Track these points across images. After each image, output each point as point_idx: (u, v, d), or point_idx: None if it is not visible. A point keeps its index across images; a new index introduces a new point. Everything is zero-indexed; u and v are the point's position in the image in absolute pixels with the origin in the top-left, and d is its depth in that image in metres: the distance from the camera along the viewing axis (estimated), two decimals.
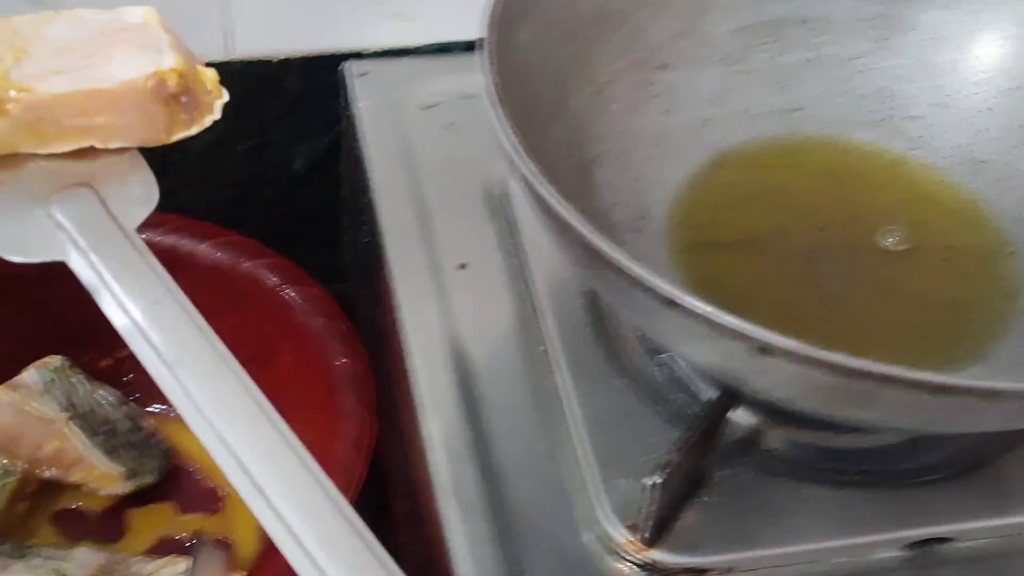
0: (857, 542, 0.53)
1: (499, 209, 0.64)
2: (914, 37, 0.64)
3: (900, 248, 0.59)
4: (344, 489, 0.57)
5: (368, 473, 0.62)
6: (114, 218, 0.46)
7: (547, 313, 0.60)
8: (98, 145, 0.47)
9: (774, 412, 0.56)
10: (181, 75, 0.46)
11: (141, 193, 0.47)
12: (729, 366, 0.45)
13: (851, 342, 0.46)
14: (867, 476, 0.55)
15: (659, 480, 0.49)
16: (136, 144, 0.48)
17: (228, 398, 0.43)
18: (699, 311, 0.43)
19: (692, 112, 0.63)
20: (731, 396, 0.53)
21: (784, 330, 0.42)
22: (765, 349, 0.42)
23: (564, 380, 0.57)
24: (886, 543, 0.53)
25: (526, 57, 0.55)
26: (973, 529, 0.53)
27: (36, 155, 0.46)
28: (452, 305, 0.61)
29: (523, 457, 0.55)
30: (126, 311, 0.44)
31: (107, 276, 0.44)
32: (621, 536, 0.52)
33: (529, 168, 0.46)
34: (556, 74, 0.58)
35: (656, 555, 0.51)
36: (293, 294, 0.71)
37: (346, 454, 0.64)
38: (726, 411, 0.54)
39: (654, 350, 0.58)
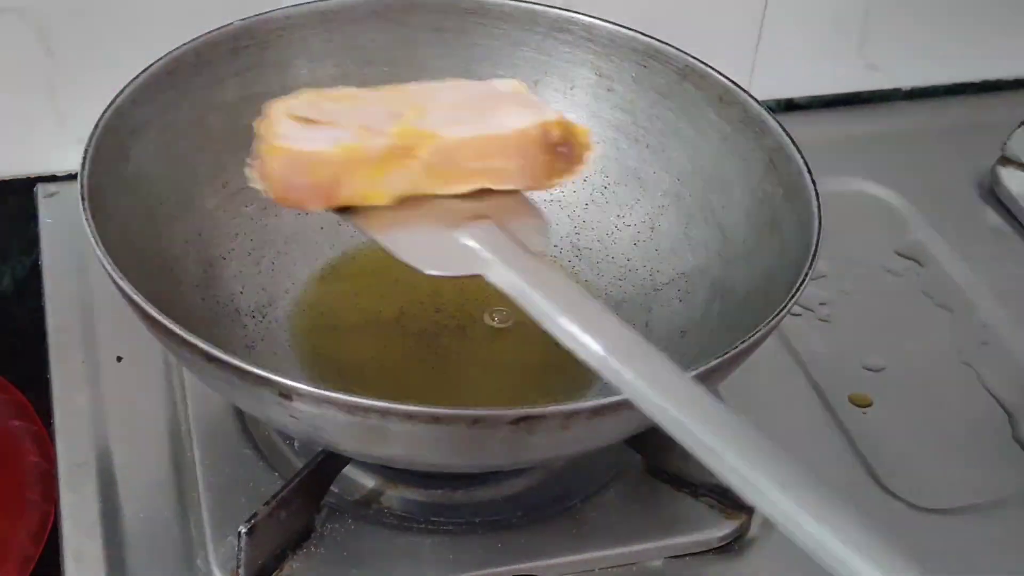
0: None
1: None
2: None
3: (504, 325, 0.67)
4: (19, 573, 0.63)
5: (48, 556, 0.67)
6: (518, 242, 0.49)
7: (190, 397, 0.66)
8: (492, 187, 0.52)
9: (390, 473, 0.63)
10: (562, 126, 0.52)
11: (534, 229, 0.52)
12: (268, 414, 0.51)
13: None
14: (465, 525, 0.61)
15: (244, 530, 0.55)
16: (523, 188, 0.53)
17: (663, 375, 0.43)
18: (231, 363, 0.49)
19: (326, 216, 0.70)
20: (330, 454, 0.59)
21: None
22: (286, 394, 0.49)
23: (196, 453, 0.63)
24: None
25: (144, 166, 0.62)
26: (553, 565, 0.60)
27: (437, 195, 0.51)
28: (104, 392, 0.66)
29: (153, 522, 0.61)
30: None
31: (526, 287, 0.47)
32: None
33: (102, 254, 0.52)
34: (186, 178, 0.65)
35: None
36: None
37: (24, 543, 0.69)
38: (330, 468, 0.60)
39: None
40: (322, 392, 0.48)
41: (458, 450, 0.51)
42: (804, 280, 0.56)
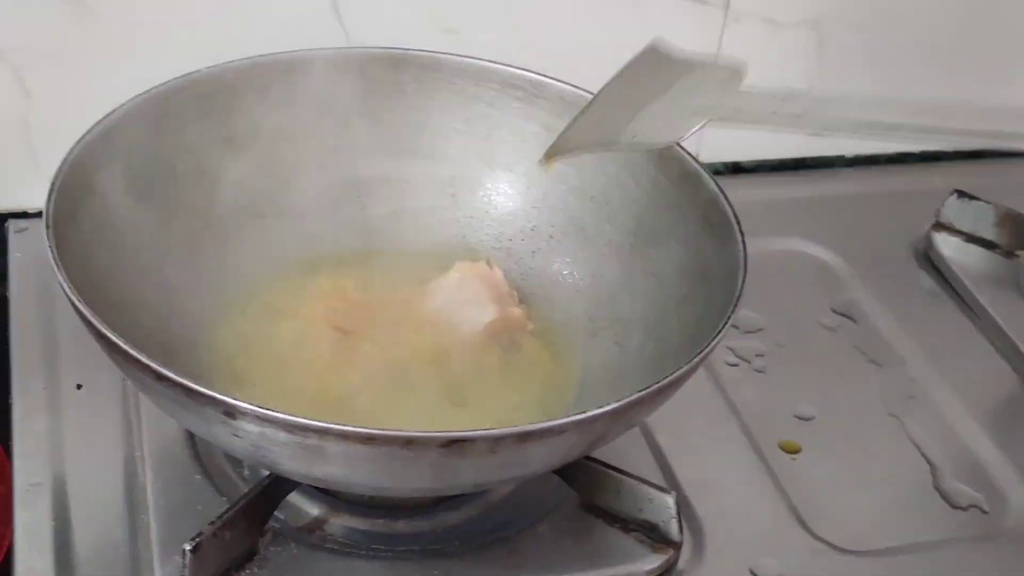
0: None
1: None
2: (478, 194, 0.76)
3: None
4: None
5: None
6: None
7: (144, 423, 0.69)
8: None
9: (333, 502, 0.66)
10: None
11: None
12: (214, 433, 0.54)
13: None
14: (405, 553, 0.64)
15: (188, 547, 0.58)
16: None
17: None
18: (179, 382, 0.52)
19: (286, 252, 0.73)
20: (276, 479, 0.62)
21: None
22: (230, 413, 0.52)
23: (148, 477, 0.66)
24: None
25: (112, 200, 0.65)
26: None
27: None
28: (63, 419, 0.69)
29: (103, 542, 0.63)
30: None
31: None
32: None
33: (63, 278, 0.56)
34: (151, 215, 0.68)
35: None
36: None
37: None
38: (275, 493, 0.62)
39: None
40: (264, 411, 0.51)
41: (391, 471, 0.54)
42: (727, 320, 0.59)
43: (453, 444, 0.52)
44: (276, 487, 0.62)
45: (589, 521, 0.66)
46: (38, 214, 0.81)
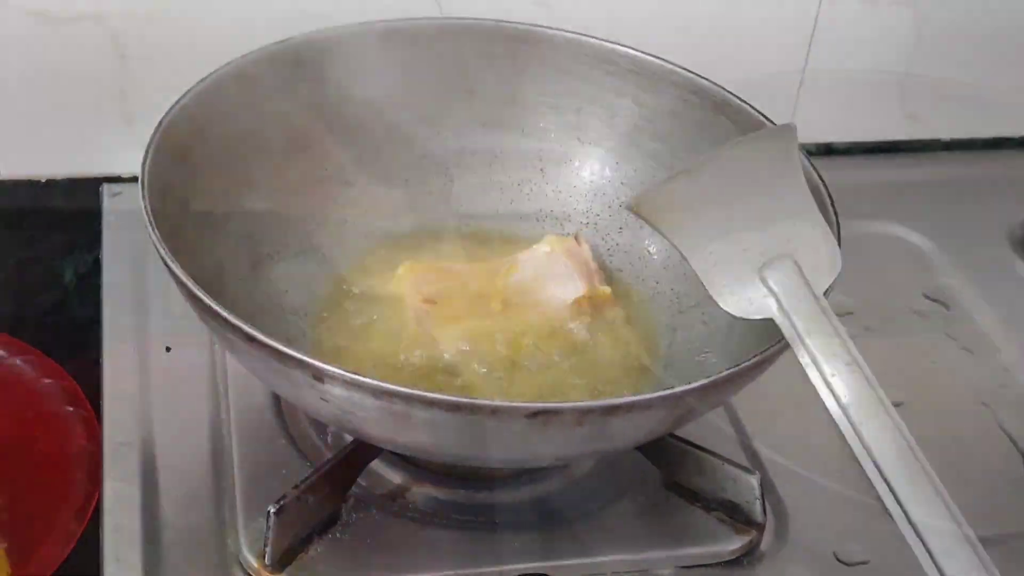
0: (461, 574, 0.61)
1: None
2: (566, 168, 0.76)
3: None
4: (61, 550, 0.66)
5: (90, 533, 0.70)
6: (809, 286, 0.57)
7: (231, 387, 0.69)
8: None
9: (415, 471, 0.66)
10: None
11: (828, 262, 0.59)
12: (301, 396, 0.54)
13: None
14: (485, 524, 0.64)
15: (273, 510, 0.58)
16: None
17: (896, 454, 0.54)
18: (268, 344, 0.52)
19: (373, 222, 0.74)
20: (359, 445, 0.62)
21: None
22: (318, 376, 0.52)
23: (233, 440, 0.66)
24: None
25: (204, 166, 0.66)
26: (566, 566, 0.62)
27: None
28: (152, 380, 0.70)
29: (189, 503, 0.64)
30: (819, 368, 0.55)
31: (804, 337, 0.56)
32: (254, 564, 0.60)
33: (157, 239, 0.56)
34: (241, 181, 0.68)
35: None
36: (47, 385, 0.81)
37: (68, 520, 0.73)
38: (358, 459, 0.63)
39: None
40: (352, 375, 0.51)
41: (476, 440, 0.54)
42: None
43: (539, 415, 0.51)
44: (360, 453, 0.63)
45: (671, 499, 0.66)
46: (132, 179, 0.83)
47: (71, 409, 0.79)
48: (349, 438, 0.65)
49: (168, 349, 0.72)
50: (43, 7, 0.76)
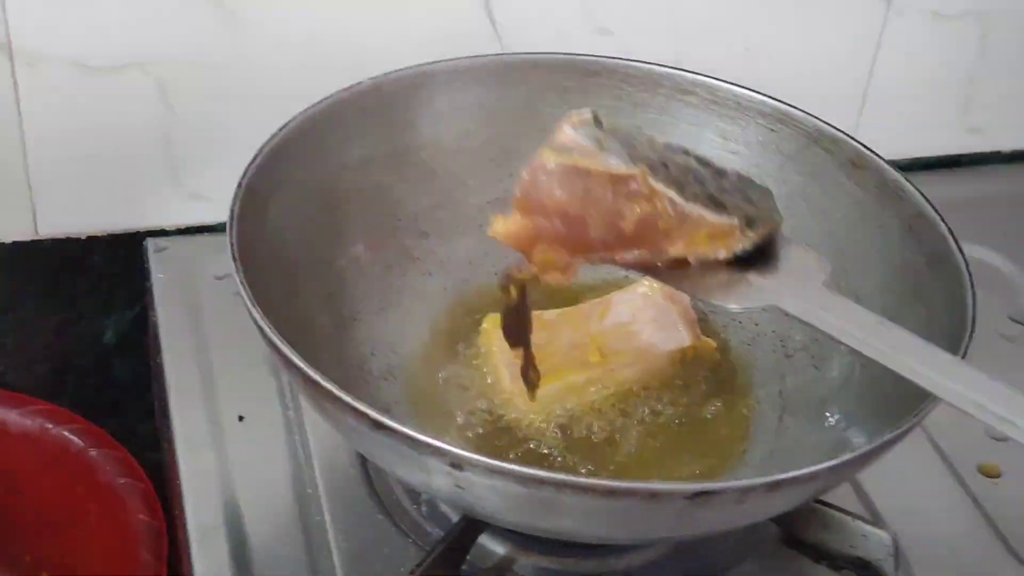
0: None
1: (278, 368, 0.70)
2: None
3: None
4: None
5: None
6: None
7: (315, 458, 0.65)
8: None
9: (523, 541, 0.62)
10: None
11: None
12: (431, 483, 0.50)
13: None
14: None
15: None
16: None
17: None
18: (400, 431, 0.48)
19: (451, 273, 0.70)
20: (470, 522, 0.58)
21: None
22: (456, 464, 0.48)
23: (326, 517, 0.62)
24: None
25: (281, 224, 0.62)
26: None
27: None
28: (228, 453, 0.66)
29: None
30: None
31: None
32: None
33: (253, 306, 0.52)
34: (316, 240, 0.64)
35: None
36: (96, 455, 0.76)
37: None
38: (468, 536, 0.59)
39: (414, 490, 0.63)
40: (497, 463, 0.47)
41: (628, 523, 0.50)
42: (964, 354, 0.55)
43: (700, 496, 0.48)
44: (470, 529, 0.59)
45: (795, 559, 0.63)
46: (176, 232, 0.79)
47: (124, 481, 0.75)
48: (447, 509, 0.61)
49: (241, 418, 0.68)
50: (85, 58, 0.71)
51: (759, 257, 0.53)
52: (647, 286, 0.67)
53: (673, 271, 0.52)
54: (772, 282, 0.52)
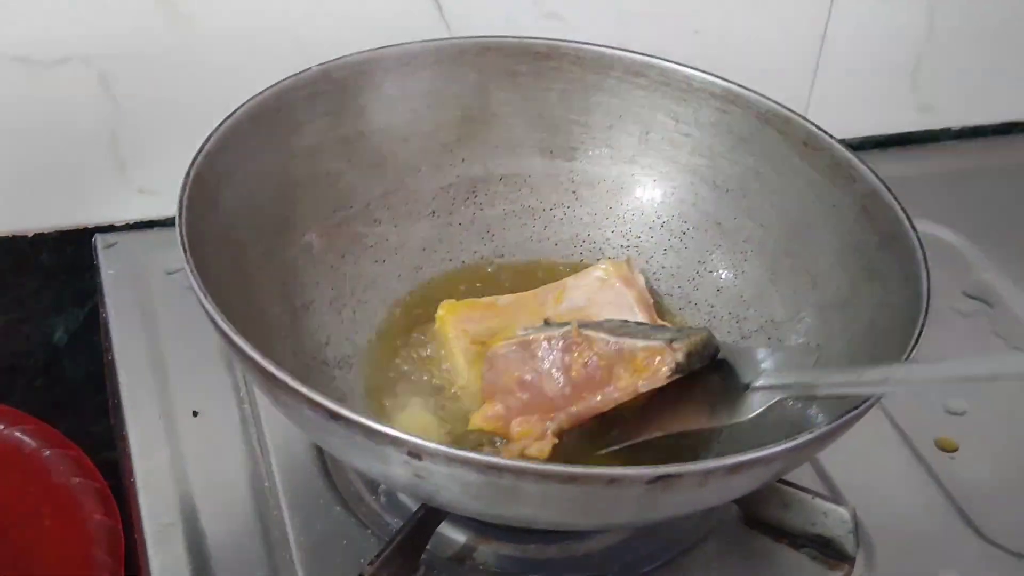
0: None
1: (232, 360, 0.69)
2: (600, 189, 0.72)
3: None
4: None
5: None
6: None
7: (272, 452, 0.64)
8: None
9: (482, 528, 0.61)
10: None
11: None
12: (389, 472, 0.50)
13: None
14: None
15: None
16: None
17: None
18: (357, 422, 0.48)
19: (404, 260, 0.69)
20: (429, 511, 0.58)
21: None
22: (415, 453, 0.47)
23: (284, 510, 0.61)
24: None
25: (231, 215, 0.61)
26: None
27: None
28: (183, 449, 0.65)
29: None
30: None
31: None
32: None
33: (205, 298, 0.51)
34: (267, 229, 0.63)
35: None
36: (50, 456, 0.75)
37: None
38: (428, 526, 0.58)
39: (372, 480, 0.63)
40: (455, 451, 0.47)
41: (589, 510, 0.50)
42: (917, 338, 0.55)
43: (660, 480, 0.47)
44: (429, 519, 0.58)
45: (755, 538, 0.63)
46: (125, 227, 0.78)
47: (78, 480, 0.74)
48: (405, 498, 0.61)
49: (195, 414, 0.67)
50: (26, 52, 0.70)
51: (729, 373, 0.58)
52: (602, 270, 0.67)
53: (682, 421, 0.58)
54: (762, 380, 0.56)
